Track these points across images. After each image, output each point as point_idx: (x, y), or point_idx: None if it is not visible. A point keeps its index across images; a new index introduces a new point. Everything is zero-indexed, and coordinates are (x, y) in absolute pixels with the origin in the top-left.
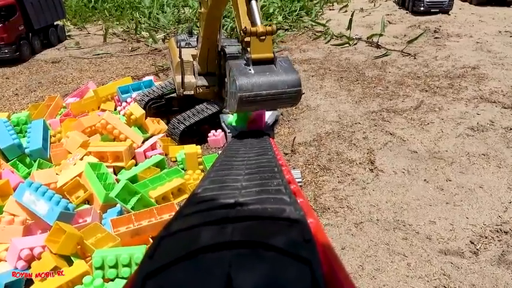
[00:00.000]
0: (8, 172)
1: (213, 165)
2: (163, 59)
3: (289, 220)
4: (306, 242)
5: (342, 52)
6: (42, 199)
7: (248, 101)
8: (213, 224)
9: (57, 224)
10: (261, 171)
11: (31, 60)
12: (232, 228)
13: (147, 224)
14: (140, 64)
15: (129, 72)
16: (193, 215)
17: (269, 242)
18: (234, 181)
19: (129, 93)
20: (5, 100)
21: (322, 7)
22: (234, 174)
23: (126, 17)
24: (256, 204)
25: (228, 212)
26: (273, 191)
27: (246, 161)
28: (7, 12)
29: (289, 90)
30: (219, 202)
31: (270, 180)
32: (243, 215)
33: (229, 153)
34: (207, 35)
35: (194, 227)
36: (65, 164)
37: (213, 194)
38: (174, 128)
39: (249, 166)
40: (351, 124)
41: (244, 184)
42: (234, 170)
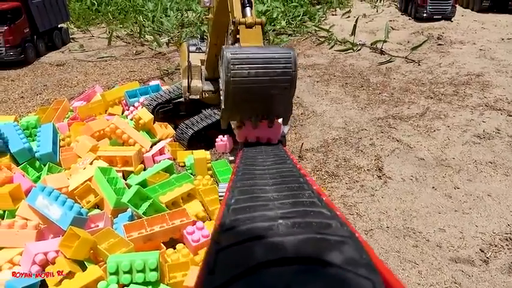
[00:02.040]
0: (20, 176)
1: (235, 173)
2: (168, 63)
3: (340, 236)
4: (363, 260)
5: (346, 58)
6: (55, 204)
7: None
8: (264, 238)
9: (71, 229)
10: (286, 182)
11: (36, 62)
12: (284, 242)
13: (159, 229)
14: (145, 68)
15: (134, 75)
16: (240, 227)
17: (326, 258)
18: (263, 191)
19: (136, 97)
20: (11, 103)
21: (326, 12)
22: (259, 184)
23: (129, 20)
24: (297, 218)
25: (272, 225)
26: (307, 203)
27: (267, 169)
28: (13, 15)
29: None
30: (260, 214)
31: (300, 192)
32: (291, 229)
33: (248, 161)
34: (215, 41)
35: (246, 241)
36: (74, 168)
37: (249, 205)
38: (183, 133)
39: (271, 175)
40: (357, 130)
41: (275, 195)
42: (257, 179)
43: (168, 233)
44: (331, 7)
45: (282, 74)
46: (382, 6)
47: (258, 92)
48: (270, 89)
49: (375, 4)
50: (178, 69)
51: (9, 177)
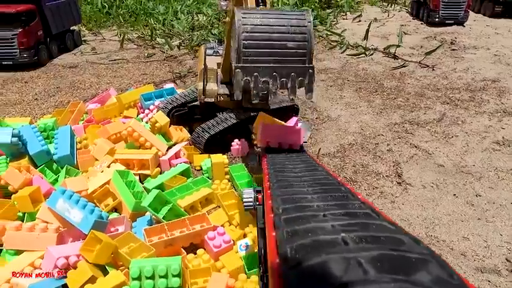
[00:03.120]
0: (39, 178)
1: (269, 180)
2: (180, 65)
3: (419, 253)
4: (454, 280)
5: (358, 62)
6: (75, 207)
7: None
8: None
9: (92, 233)
10: (327, 190)
11: (48, 64)
12: (359, 259)
13: (180, 234)
14: (157, 70)
15: (146, 78)
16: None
17: (414, 278)
18: (306, 200)
19: (151, 100)
20: (26, 104)
21: (336, 17)
22: (299, 192)
23: (140, 23)
24: (360, 231)
25: (335, 239)
26: (361, 214)
27: (301, 177)
28: (27, 17)
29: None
30: (317, 226)
31: (348, 202)
32: (360, 244)
33: (278, 167)
34: (231, 44)
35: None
36: (92, 171)
37: (299, 215)
38: (199, 137)
39: (308, 183)
40: (374, 136)
41: (321, 204)
42: (295, 187)
43: (189, 238)
44: (341, 11)
45: (296, 25)
46: (393, 11)
47: (271, 42)
48: (284, 40)
49: (386, 9)
50: (190, 72)
51: (29, 179)
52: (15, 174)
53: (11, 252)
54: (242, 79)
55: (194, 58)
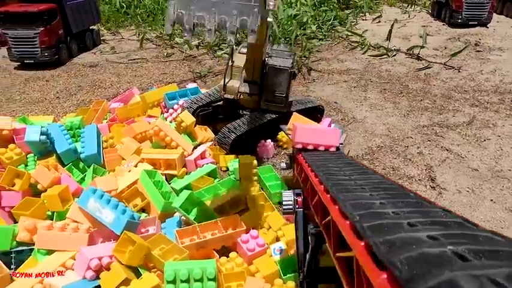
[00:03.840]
0: (67, 177)
1: (321, 182)
2: (199, 65)
3: None
4: None
5: (381, 63)
6: (107, 207)
7: None
8: (457, 271)
9: (125, 233)
10: (394, 196)
11: (69, 63)
12: (493, 277)
13: (213, 237)
14: (176, 70)
15: (166, 78)
16: (409, 253)
17: None
18: (377, 206)
19: (175, 99)
20: (48, 103)
21: (356, 17)
22: (363, 197)
23: (158, 23)
24: (469, 244)
25: (444, 252)
26: (454, 224)
27: (354, 180)
28: (49, 16)
29: None
30: (413, 236)
31: (427, 209)
32: (482, 261)
33: (325, 170)
34: (254, 42)
35: (444, 276)
36: (119, 170)
37: (382, 223)
38: (225, 137)
39: (369, 188)
40: (402, 138)
41: (398, 212)
42: (356, 192)
43: (221, 240)
44: (360, 12)
45: None
46: (413, 12)
47: None
48: None
49: (406, 9)
50: (210, 72)
51: (57, 178)
52: (44, 173)
53: (43, 252)
54: (175, 11)
55: (213, 58)
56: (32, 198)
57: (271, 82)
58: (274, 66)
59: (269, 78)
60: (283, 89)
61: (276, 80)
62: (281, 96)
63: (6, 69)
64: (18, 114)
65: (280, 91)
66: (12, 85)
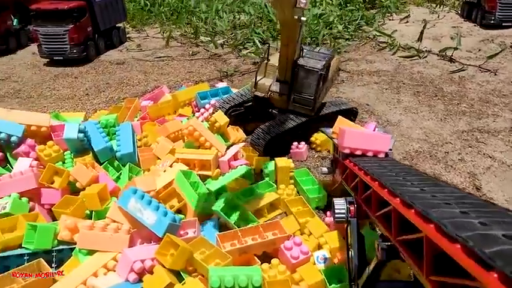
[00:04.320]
0: (104, 176)
1: (398, 196)
2: (225, 64)
3: None
4: None
5: (412, 65)
6: (148, 208)
7: None
8: None
9: (167, 236)
10: (472, 205)
11: (96, 60)
12: None
13: (255, 243)
14: (202, 69)
15: (193, 76)
16: None
17: None
18: (483, 228)
19: (207, 99)
20: (77, 99)
21: (384, 17)
22: (456, 215)
23: (182, 21)
24: None
25: None
26: None
27: (415, 187)
28: (78, 14)
29: None
30: None
31: None
32: None
33: (389, 179)
34: (284, 42)
35: None
36: (154, 170)
37: (506, 250)
38: (259, 139)
39: (450, 201)
40: (442, 143)
41: (484, 222)
42: (440, 207)
43: (263, 246)
44: (387, 12)
45: None
46: (441, 12)
47: None
48: None
49: (434, 9)
50: (237, 71)
51: (96, 176)
52: (83, 171)
53: (84, 252)
54: None
55: (238, 57)
56: (71, 196)
57: (300, 83)
58: (304, 67)
59: (298, 79)
60: (312, 91)
61: (305, 81)
62: (309, 99)
63: (36, 66)
64: (49, 110)
65: (308, 93)
66: (43, 81)
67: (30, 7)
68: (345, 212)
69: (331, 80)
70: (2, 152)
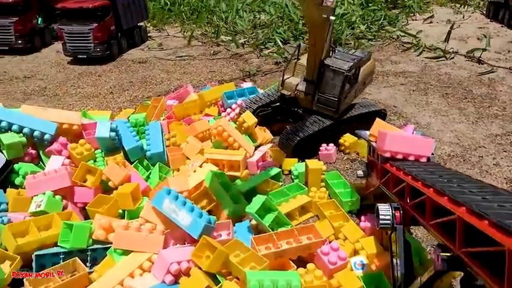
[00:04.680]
0: (136, 175)
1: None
2: (246, 64)
3: None
4: None
5: (439, 66)
6: (183, 209)
7: None
8: None
9: (204, 238)
10: None
11: (119, 59)
12: None
13: (291, 247)
14: (224, 68)
15: (215, 76)
16: None
17: None
18: None
19: (233, 99)
20: (102, 98)
21: (407, 17)
22: None
23: (203, 20)
24: None
25: None
26: None
27: (476, 194)
28: (102, 13)
29: None
30: None
31: None
32: None
33: (446, 186)
34: (312, 41)
35: None
36: (184, 170)
37: None
38: (288, 140)
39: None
40: (475, 147)
41: None
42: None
43: (299, 250)
44: (410, 12)
45: None
46: (466, 12)
47: None
48: None
49: (458, 10)
50: (259, 70)
51: (128, 175)
52: (116, 170)
53: (119, 252)
54: None
55: (260, 57)
56: (104, 195)
57: (325, 83)
58: (330, 67)
59: (324, 79)
60: (336, 92)
61: (330, 82)
62: (333, 100)
63: (60, 64)
64: (74, 108)
65: (333, 94)
66: (67, 79)
67: (55, 6)
68: (390, 218)
69: (362, 83)
70: (35, 149)
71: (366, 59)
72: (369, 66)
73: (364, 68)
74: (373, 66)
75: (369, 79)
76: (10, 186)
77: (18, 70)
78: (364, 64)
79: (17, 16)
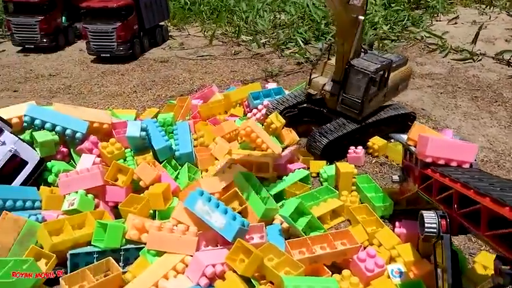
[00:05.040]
0: (166, 175)
1: None
2: (267, 64)
3: None
4: None
5: (466, 68)
6: (217, 211)
7: None
8: None
9: (239, 241)
10: None
11: (141, 58)
12: None
13: (326, 252)
14: (246, 68)
15: (237, 75)
16: None
17: None
18: None
19: (259, 99)
20: (126, 97)
21: (431, 18)
22: None
23: (223, 20)
24: None
25: None
26: None
27: None
28: (126, 12)
29: None
30: None
31: None
32: None
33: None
34: (340, 41)
35: None
36: (212, 170)
37: None
38: (316, 142)
39: None
40: (509, 152)
41: None
42: None
43: (334, 256)
44: (433, 12)
45: None
46: (491, 13)
47: None
48: None
49: (483, 10)
50: (281, 71)
51: (158, 175)
52: (147, 170)
53: (152, 253)
54: None
55: (281, 57)
56: (136, 195)
57: (349, 84)
58: (355, 67)
59: (348, 79)
60: (360, 93)
61: (354, 83)
62: (356, 101)
63: (84, 62)
64: (99, 106)
65: (356, 95)
66: (91, 78)
67: (80, 5)
68: (436, 226)
69: (394, 88)
70: (67, 147)
71: (401, 63)
72: (403, 71)
73: (398, 73)
74: (409, 72)
75: (403, 84)
76: (43, 183)
77: (43, 68)
78: (398, 68)
79: (43, 15)
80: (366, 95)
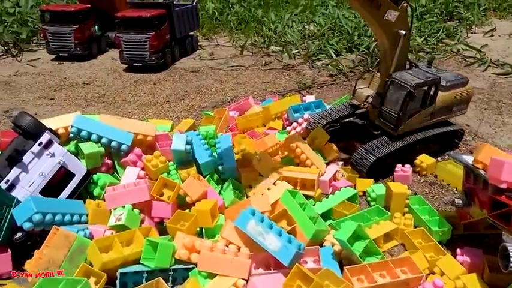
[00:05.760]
0: (213, 191)
1: None
2: (299, 75)
3: None
4: None
5: (510, 83)
6: (271, 233)
7: None
8: None
9: (297, 267)
10: None
11: (172, 67)
12: None
13: (387, 281)
14: (277, 79)
15: (269, 87)
16: None
17: None
18: None
19: (299, 112)
20: (159, 106)
21: (467, 30)
22: None
23: (251, 30)
24: None
25: None
26: None
27: None
28: (159, 22)
29: None
30: None
31: None
32: None
33: None
34: (381, 54)
35: None
36: (258, 187)
37: None
38: (362, 159)
39: None
40: None
41: None
42: None
43: (395, 286)
44: (468, 24)
45: None
46: None
47: None
48: None
49: None
50: (314, 82)
51: (205, 191)
52: (194, 185)
53: (204, 275)
54: None
55: (312, 68)
56: (184, 211)
57: (389, 97)
58: (395, 80)
59: (388, 92)
60: (398, 107)
61: (393, 96)
62: (393, 115)
63: (116, 71)
64: (134, 116)
65: (394, 109)
66: (124, 87)
67: (114, 15)
68: None
69: (446, 108)
70: (111, 159)
71: (458, 83)
72: (460, 92)
73: (452, 93)
74: (468, 94)
75: (460, 107)
76: (88, 196)
77: (77, 76)
78: (453, 88)
79: (77, 24)
80: (403, 110)
